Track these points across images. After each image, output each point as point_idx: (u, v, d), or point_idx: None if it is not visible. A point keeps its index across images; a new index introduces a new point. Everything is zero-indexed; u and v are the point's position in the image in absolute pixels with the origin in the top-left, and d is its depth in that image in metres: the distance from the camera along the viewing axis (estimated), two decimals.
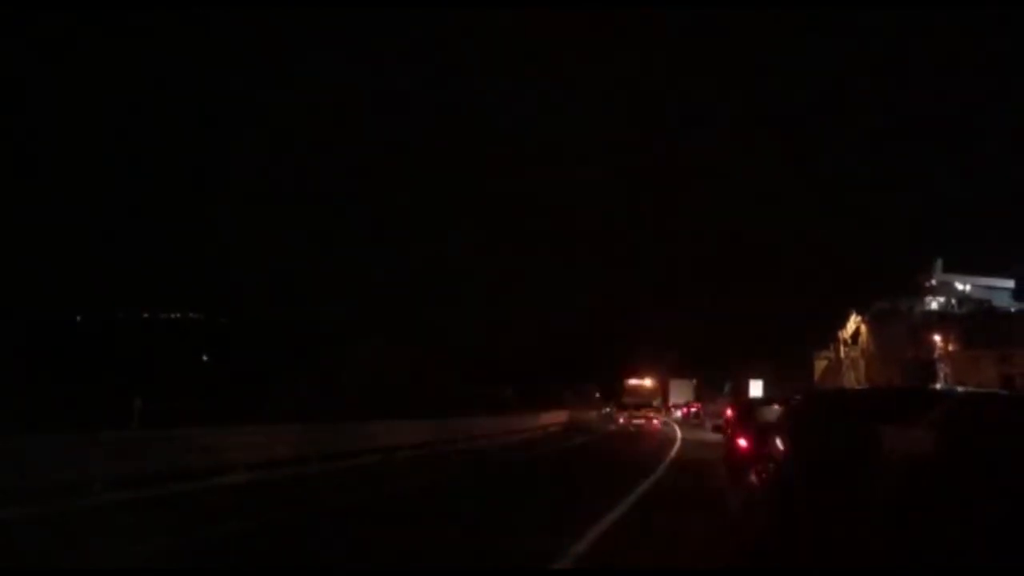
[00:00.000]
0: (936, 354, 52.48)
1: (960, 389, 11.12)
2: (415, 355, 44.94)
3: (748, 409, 16.12)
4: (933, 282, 65.92)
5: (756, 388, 62.12)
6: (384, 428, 20.68)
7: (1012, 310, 60.73)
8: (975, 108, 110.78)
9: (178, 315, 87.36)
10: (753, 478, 8.90)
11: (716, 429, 23.18)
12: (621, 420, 53.04)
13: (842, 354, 68.27)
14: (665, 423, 57.03)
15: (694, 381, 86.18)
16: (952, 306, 64.97)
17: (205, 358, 64.38)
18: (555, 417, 47.26)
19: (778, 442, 7.16)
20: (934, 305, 65.02)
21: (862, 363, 63.68)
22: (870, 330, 64.36)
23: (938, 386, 30.76)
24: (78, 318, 77.53)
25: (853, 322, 66.55)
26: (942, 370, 48.04)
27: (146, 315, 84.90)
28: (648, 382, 62.90)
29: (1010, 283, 65.56)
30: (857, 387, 40.69)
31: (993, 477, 4.46)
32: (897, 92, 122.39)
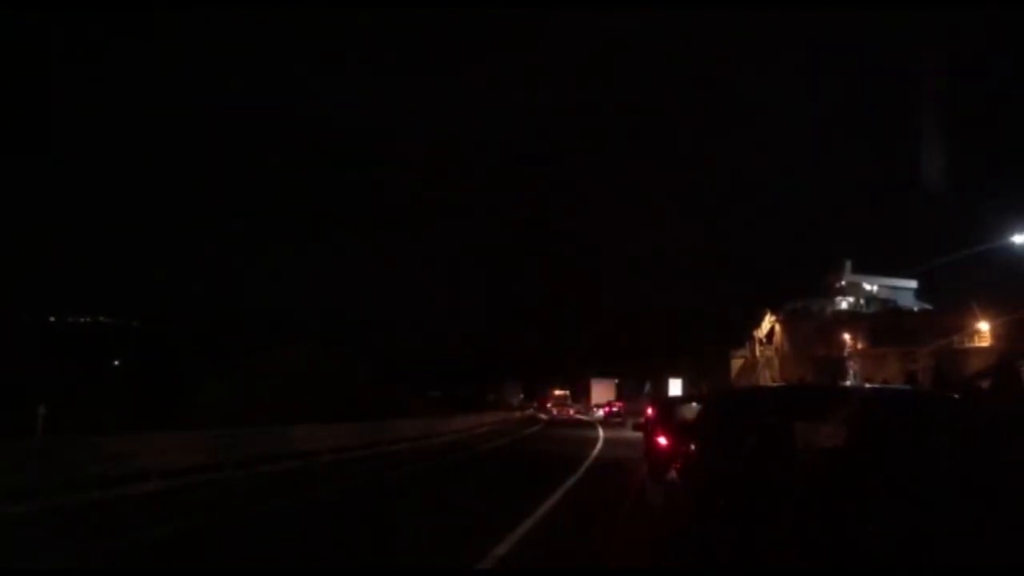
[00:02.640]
0: (846, 352, 54.52)
1: (868, 385, 11.59)
2: (340, 358, 44.22)
3: (667, 407, 16.35)
4: (843, 283, 68.50)
5: (676, 387, 63.36)
6: (306, 432, 20.28)
7: (915, 309, 63.61)
8: (887, 111, 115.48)
9: (87, 319, 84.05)
10: (673, 475, 9.06)
11: (637, 427, 23.47)
12: (555, 412, 78.56)
13: (758, 353, 70.13)
14: (587, 422, 58.88)
15: (616, 381, 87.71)
16: (860, 306, 67.61)
17: (117, 363, 62.10)
18: (480, 419, 47.31)
19: (692, 440, 7.30)
20: (844, 305, 67.55)
21: (776, 361, 65.60)
22: (784, 329, 66.39)
23: (847, 383, 31.94)
24: None
25: (768, 322, 68.50)
26: (851, 367, 49.88)
27: (52, 318, 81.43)
28: (566, 392, 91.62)
29: (913, 283, 68.71)
30: (771, 384, 41.95)
31: (900, 470, 4.63)
32: (805, 96, 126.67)
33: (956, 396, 7.60)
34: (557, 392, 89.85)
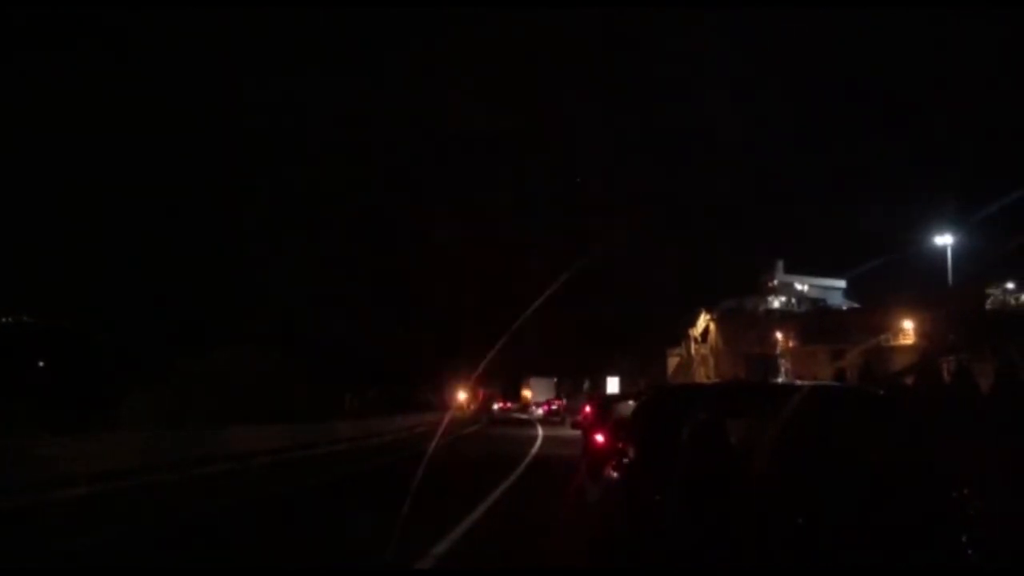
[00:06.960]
0: (778, 350, 55.86)
1: (799, 382, 11.88)
2: (276, 357, 43.46)
3: (605, 405, 16.59)
4: (775, 282, 70.23)
5: (613, 385, 63.97)
6: (242, 434, 19.92)
7: (844, 308, 65.64)
8: (815, 123, 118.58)
9: (8, 319, 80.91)
10: (610, 472, 9.17)
11: (575, 425, 23.70)
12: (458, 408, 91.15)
13: (693, 351, 71.25)
14: (526, 421, 59.33)
15: (555, 379, 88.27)
16: (792, 305, 69.41)
17: (41, 364, 59.89)
18: (419, 419, 47.02)
19: (628, 437, 7.41)
20: (776, 304, 69.22)
21: (711, 359, 66.76)
22: (718, 328, 67.60)
23: (779, 380, 32.75)
24: None
25: (703, 320, 69.64)
26: (783, 365, 51.14)
27: None
28: (467, 395, 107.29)
29: (842, 283, 70.89)
30: (705, 382, 42.67)
31: (828, 463, 4.78)
32: (739, 101, 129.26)
33: (881, 392, 7.88)
34: (460, 396, 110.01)
